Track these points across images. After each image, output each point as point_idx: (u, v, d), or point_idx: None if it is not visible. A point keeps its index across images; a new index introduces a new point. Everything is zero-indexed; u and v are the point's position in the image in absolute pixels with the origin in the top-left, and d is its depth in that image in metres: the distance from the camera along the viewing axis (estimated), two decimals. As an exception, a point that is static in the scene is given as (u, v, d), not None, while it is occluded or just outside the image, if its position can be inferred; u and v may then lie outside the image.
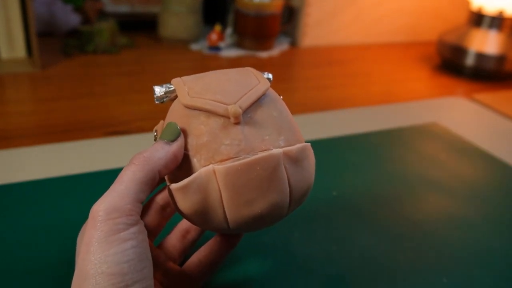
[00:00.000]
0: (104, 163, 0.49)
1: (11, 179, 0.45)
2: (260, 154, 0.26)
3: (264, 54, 0.92)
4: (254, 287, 0.35)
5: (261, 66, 0.86)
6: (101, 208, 0.23)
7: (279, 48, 0.96)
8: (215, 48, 0.90)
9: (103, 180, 0.46)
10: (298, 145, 0.28)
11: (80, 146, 0.52)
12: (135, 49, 0.88)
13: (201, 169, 0.26)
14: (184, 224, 0.34)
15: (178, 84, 0.29)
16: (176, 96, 0.30)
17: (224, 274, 0.36)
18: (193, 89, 0.28)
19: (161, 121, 0.30)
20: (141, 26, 0.97)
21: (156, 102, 0.30)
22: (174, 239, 0.33)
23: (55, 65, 0.76)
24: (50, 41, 0.86)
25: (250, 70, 0.31)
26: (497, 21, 0.88)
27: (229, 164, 0.25)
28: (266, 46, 0.93)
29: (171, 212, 0.33)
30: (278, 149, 0.27)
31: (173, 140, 0.26)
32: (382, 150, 0.58)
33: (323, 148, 0.57)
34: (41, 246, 0.37)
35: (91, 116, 0.60)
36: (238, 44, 0.94)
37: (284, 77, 0.83)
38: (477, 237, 0.43)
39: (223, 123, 0.27)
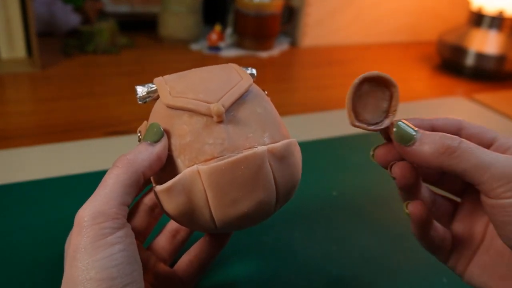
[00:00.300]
0: (104, 163, 0.49)
1: (11, 179, 0.45)
2: (244, 153, 0.26)
3: (264, 54, 0.92)
4: (254, 287, 0.35)
5: (261, 66, 0.86)
6: (86, 213, 0.23)
7: (279, 48, 0.96)
8: (215, 48, 0.90)
9: (103, 180, 0.46)
10: (283, 142, 0.28)
11: (80, 146, 0.52)
12: (135, 49, 0.88)
13: (185, 170, 0.25)
14: (173, 224, 0.33)
15: (160, 83, 0.29)
16: (158, 96, 0.29)
17: (223, 274, 0.36)
18: (175, 88, 0.28)
19: (145, 122, 0.30)
20: (141, 26, 0.97)
21: (139, 102, 0.29)
22: (163, 240, 0.33)
23: (55, 65, 0.76)
24: (50, 41, 0.86)
25: (232, 66, 0.31)
26: (497, 21, 0.88)
27: (213, 164, 0.25)
28: (266, 46, 0.93)
29: (160, 213, 0.33)
30: (262, 146, 0.26)
31: (156, 141, 0.26)
32: (382, 150, 0.58)
33: (323, 148, 0.57)
34: (41, 246, 0.37)
35: (91, 116, 0.60)
36: (238, 44, 0.94)
37: (284, 77, 0.83)
38: (477, 237, 0.43)
39: (206, 122, 0.26)
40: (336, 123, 0.64)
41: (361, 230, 0.43)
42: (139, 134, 0.29)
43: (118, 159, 0.25)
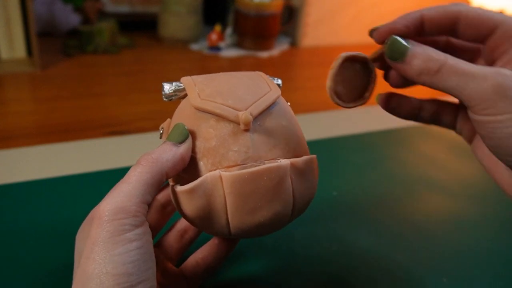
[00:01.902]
0: (104, 163, 0.49)
1: (11, 179, 0.45)
2: (268, 164, 0.26)
3: (264, 54, 0.92)
4: (254, 287, 0.35)
5: (261, 66, 0.86)
6: (107, 208, 0.23)
7: (279, 48, 0.96)
8: (215, 48, 0.90)
9: (103, 180, 0.46)
10: (305, 157, 0.28)
11: (80, 146, 0.52)
12: (135, 49, 0.88)
13: (208, 174, 0.26)
14: (182, 224, 0.33)
15: (189, 84, 0.29)
16: (184, 95, 0.29)
17: (224, 274, 0.36)
18: (204, 91, 0.28)
19: (168, 119, 0.30)
20: (141, 26, 0.97)
21: (164, 99, 0.29)
22: (171, 239, 0.33)
23: (55, 65, 0.76)
24: (50, 41, 0.86)
25: (261, 75, 0.31)
26: (497, 21, 0.88)
27: (236, 172, 0.25)
28: (266, 46, 0.93)
29: (172, 211, 0.33)
30: (285, 160, 0.27)
31: (181, 142, 0.26)
32: (382, 150, 0.58)
33: (323, 148, 0.57)
34: (41, 245, 0.37)
35: (91, 116, 0.60)
36: (238, 44, 0.94)
37: (284, 77, 0.83)
38: (477, 237, 0.43)
39: (233, 129, 0.26)
40: (336, 123, 0.64)
41: (361, 230, 0.43)
42: (161, 131, 0.29)
43: (142, 157, 0.25)
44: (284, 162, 0.26)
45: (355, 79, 0.29)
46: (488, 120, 0.23)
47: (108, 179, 0.45)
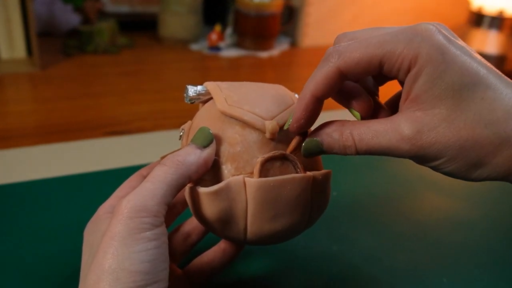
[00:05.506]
0: (104, 163, 0.49)
1: (11, 179, 0.45)
2: (293, 174, 0.26)
3: (264, 54, 0.92)
4: (254, 286, 0.35)
5: (261, 66, 0.86)
6: (130, 204, 0.23)
7: (279, 48, 0.96)
8: (215, 48, 0.90)
9: (103, 180, 0.46)
10: (325, 171, 0.29)
11: (80, 146, 0.52)
12: (135, 49, 0.88)
13: (232, 178, 0.26)
14: (186, 227, 0.33)
15: (215, 89, 0.29)
16: (207, 100, 0.29)
17: (224, 274, 0.36)
18: (231, 97, 0.28)
19: (189, 121, 0.30)
20: (141, 26, 0.97)
21: (187, 101, 0.30)
22: (175, 242, 0.33)
23: (55, 65, 0.76)
24: (50, 41, 0.86)
25: (283, 88, 0.32)
26: (497, 21, 0.88)
27: (261, 178, 0.26)
28: (266, 46, 0.93)
29: (178, 213, 0.33)
30: (308, 172, 0.27)
31: (205, 146, 0.26)
32: (382, 150, 0.58)
33: (323, 148, 0.57)
34: (41, 245, 0.37)
35: (91, 116, 0.60)
36: (238, 44, 0.94)
37: (284, 77, 0.83)
38: (477, 237, 0.43)
39: (258, 137, 0.27)
40: (336, 123, 0.64)
41: (361, 230, 0.43)
42: (181, 133, 0.29)
43: (167, 158, 0.25)
44: (308, 173, 0.27)
45: (283, 170, 0.27)
46: (431, 166, 0.24)
47: (108, 179, 0.45)
